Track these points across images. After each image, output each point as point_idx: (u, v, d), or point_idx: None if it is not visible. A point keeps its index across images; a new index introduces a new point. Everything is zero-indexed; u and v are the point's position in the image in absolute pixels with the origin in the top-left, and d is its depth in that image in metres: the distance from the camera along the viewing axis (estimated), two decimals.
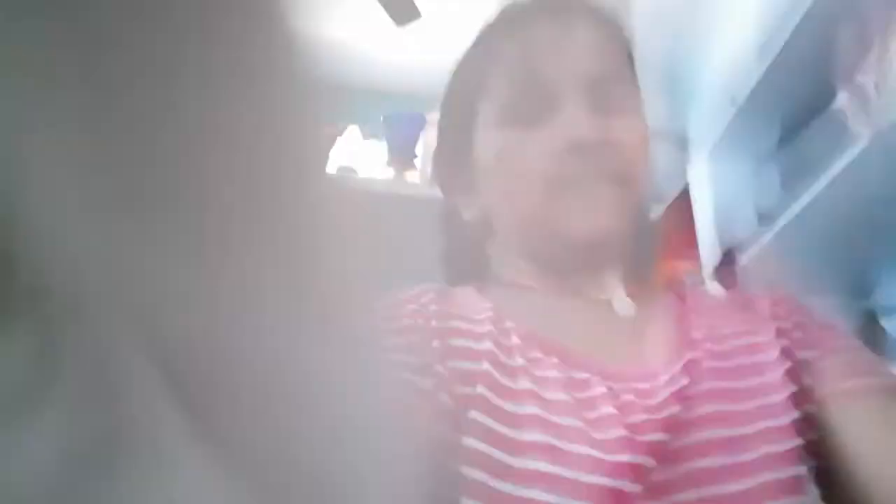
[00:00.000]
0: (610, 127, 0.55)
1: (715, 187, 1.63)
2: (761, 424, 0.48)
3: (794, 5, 1.69)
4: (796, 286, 1.46)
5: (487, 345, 0.47)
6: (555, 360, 0.47)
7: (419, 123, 2.12)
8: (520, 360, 0.47)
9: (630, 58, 0.62)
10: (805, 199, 1.26)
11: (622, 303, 0.55)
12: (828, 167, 1.21)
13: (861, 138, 1.11)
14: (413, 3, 1.84)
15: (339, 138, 2.10)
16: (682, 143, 2.11)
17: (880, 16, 1.21)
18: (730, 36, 2.25)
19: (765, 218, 1.42)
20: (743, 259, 1.43)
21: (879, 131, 1.08)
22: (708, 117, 2.18)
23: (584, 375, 0.48)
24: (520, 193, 0.56)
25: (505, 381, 0.46)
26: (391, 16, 1.87)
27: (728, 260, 1.47)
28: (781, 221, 1.32)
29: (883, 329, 1.20)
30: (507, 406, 0.45)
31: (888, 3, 1.22)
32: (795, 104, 1.48)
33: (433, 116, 2.22)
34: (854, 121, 1.12)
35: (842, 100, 1.15)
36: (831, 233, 1.32)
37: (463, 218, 0.61)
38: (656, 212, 1.93)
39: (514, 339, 0.49)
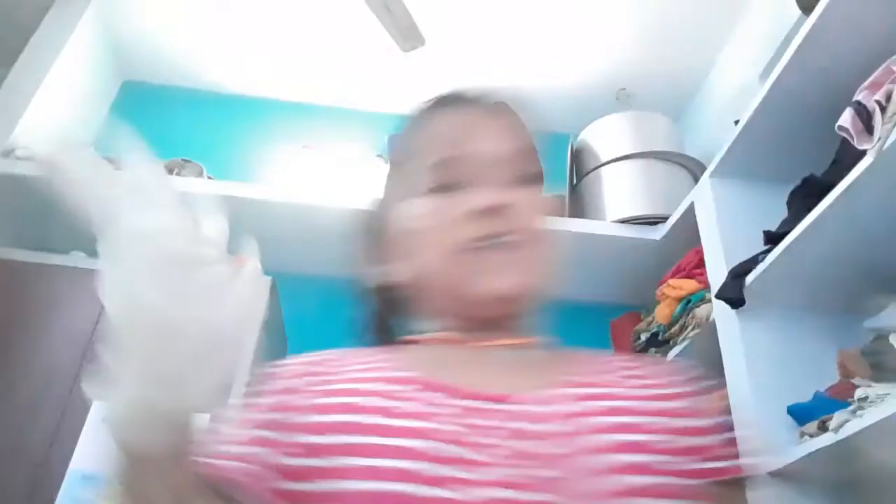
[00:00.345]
0: (514, 198, 0.61)
1: (720, 207, 1.64)
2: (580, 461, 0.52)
3: (795, 29, 1.72)
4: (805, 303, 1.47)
5: (375, 401, 0.53)
6: (440, 394, 0.53)
7: None
8: (409, 403, 0.52)
9: (533, 140, 0.69)
10: (811, 217, 1.26)
11: (507, 357, 0.61)
12: (833, 186, 1.22)
13: (866, 157, 1.13)
14: (418, 30, 1.87)
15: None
16: (687, 165, 2.14)
17: (884, 36, 1.23)
18: (733, 59, 2.29)
19: (771, 237, 1.42)
20: (750, 278, 1.44)
21: (884, 150, 1.09)
22: (712, 139, 2.20)
23: (469, 402, 0.54)
24: (435, 254, 0.61)
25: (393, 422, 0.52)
26: (397, 42, 1.90)
27: (735, 278, 1.47)
28: (787, 240, 1.33)
29: (891, 346, 1.20)
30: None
31: (891, 24, 1.25)
32: (799, 125, 1.50)
33: None
34: (859, 140, 1.13)
35: (846, 119, 1.16)
36: (838, 251, 1.33)
37: (381, 286, 0.67)
38: (662, 232, 1.95)
39: (405, 387, 0.54)
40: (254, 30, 2.31)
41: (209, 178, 1.97)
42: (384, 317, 0.70)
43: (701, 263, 1.69)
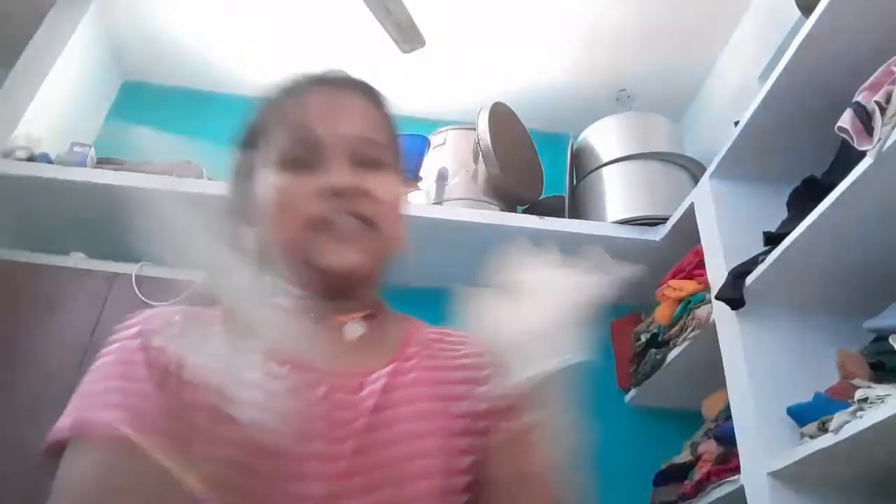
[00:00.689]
0: (365, 180, 0.66)
1: (720, 208, 1.64)
2: (442, 439, 0.62)
3: (794, 30, 1.72)
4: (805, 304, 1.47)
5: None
6: (288, 367, 0.55)
7: (422, 146, 2.14)
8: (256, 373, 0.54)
9: (390, 125, 0.76)
10: (811, 218, 1.27)
11: (353, 328, 0.68)
12: (833, 187, 1.22)
13: (866, 158, 1.13)
14: (418, 31, 1.87)
15: None
16: (687, 165, 2.14)
17: (884, 37, 1.23)
18: (733, 60, 2.29)
19: (771, 238, 1.42)
20: (750, 279, 1.44)
21: (884, 151, 1.09)
22: (712, 139, 2.20)
23: (310, 375, 0.59)
24: (286, 227, 0.65)
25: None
26: (397, 43, 1.90)
27: (735, 279, 1.47)
28: (787, 241, 1.33)
29: (891, 347, 1.20)
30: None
31: (891, 25, 1.25)
32: (798, 126, 1.50)
33: (437, 139, 2.26)
34: (859, 141, 1.13)
35: (845, 120, 1.16)
36: (838, 252, 1.33)
37: (240, 245, 0.69)
38: (662, 233, 1.95)
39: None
40: (254, 30, 2.32)
41: (209, 178, 1.97)
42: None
43: (701, 264, 1.69)
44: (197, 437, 0.53)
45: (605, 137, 2.18)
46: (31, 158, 1.85)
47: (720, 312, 1.53)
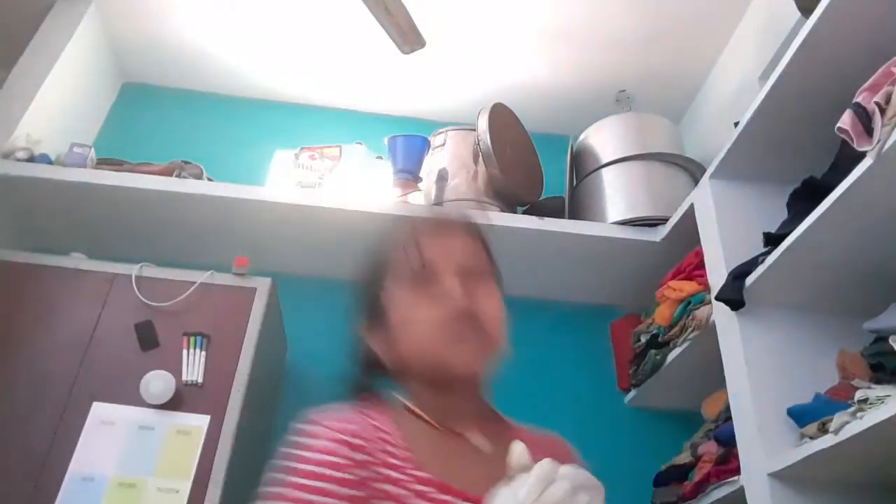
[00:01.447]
0: (475, 294, 0.81)
1: (720, 209, 1.64)
2: None
3: (794, 31, 1.72)
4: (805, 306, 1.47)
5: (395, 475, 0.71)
6: (433, 488, 0.70)
7: (422, 146, 2.15)
8: (416, 486, 0.70)
9: (489, 249, 0.90)
10: (811, 219, 1.27)
11: (480, 441, 0.79)
12: (833, 188, 1.22)
13: (866, 159, 1.13)
14: (418, 32, 1.87)
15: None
16: (687, 166, 2.14)
17: (884, 38, 1.23)
18: (732, 61, 2.29)
19: (771, 239, 1.42)
20: (750, 279, 1.44)
21: (884, 152, 1.09)
22: (712, 140, 2.20)
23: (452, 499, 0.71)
24: (417, 342, 0.79)
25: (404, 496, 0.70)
26: (397, 44, 1.90)
27: (735, 280, 1.47)
28: (787, 242, 1.33)
29: (891, 348, 1.20)
30: None
31: (891, 25, 1.25)
32: (798, 127, 1.50)
33: (437, 139, 2.26)
34: (859, 142, 1.13)
35: (845, 121, 1.16)
36: (838, 253, 1.33)
37: (372, 352, 0.84)
38: (662, 233, 1.95)
39: (417, 472, 0.72)
40: (254, 31, 2.32)
41: (209, 179, 1.98)
42: (370, 374, 0.86)
43: (701, 265, 1.69)
44: None
45: (604, 138, 2.18)
46: (31, 159, 1.85)
47: (720, 313, 1.53)
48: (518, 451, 0.68)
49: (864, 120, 1.12)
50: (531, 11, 2.21)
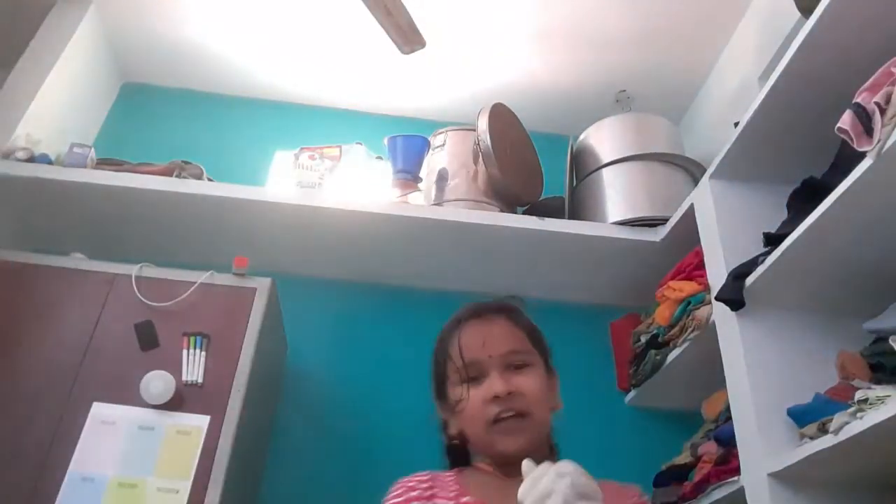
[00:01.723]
0: (517, 383, 0.93)
1: (720, 209, 1.64)
2: None
3: (794, 31, 1.72)
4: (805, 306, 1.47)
5: None
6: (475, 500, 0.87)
7: (422, 146, 2.15)
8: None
9: (532, 333, 1.01)
10: (811, 219, 1.27)
11: None
12: (833, 188, 1.22)
13: (866, 159, 1.13)
14: (418, 32, 1.87)
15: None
16: (687, 166, 2.14)
17: (884, 38, 1.23)
18: (732, 61, 2.29)
19: (771, 239, 1.42)
20: (750, 279, 1.44)
21: (884, 152, 1.09)
22: (712, 140, 2.20)
23: None
24: (472, 426, 0.94)
25: None
26: (397, 44, 1.90)
27: (735, 280, 1.47)
28: (787, 242, 1.33)
29: (891, 348, 1.20)
30: None
31: (891, 26, 1.25)
32: (798, 127, 1.50)
33: (437, 139, 2.26)
34: (858, 142, 1.13)
35: (845, 121, 1.16)
36: (838, 253, 1.33)
37: (448, 435, 1.00)
38: (662, 234, 1.95)
39: (465, 498, 0.88)
40: (254, 31, 2.32)
41: (209, 179, 1.98)
42: (453, 450, 1.01)
43: (701, 265, 1.69)
44: None
45: (604, 138, 2.18)
46: (31, 159, 1.85)
47: (720, 313, 1.53)
48: (525, 467, 0.80)
49: (864, 120, 1.12)
50: (531, 11, 2.21)
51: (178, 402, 1.46)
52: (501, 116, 2.14)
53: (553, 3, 2.18)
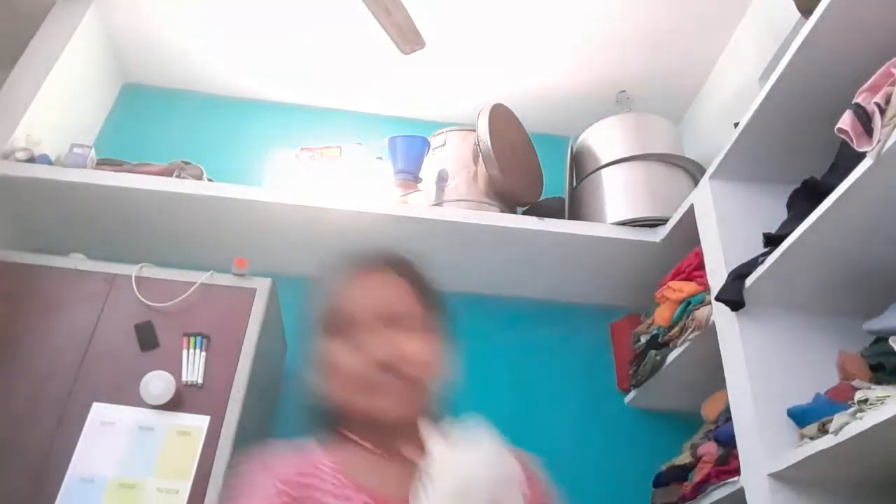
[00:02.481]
0: (399, 344, 0.81)
1: (720, 209, 1.64)
2: None
3: (794, 31, 1.72)
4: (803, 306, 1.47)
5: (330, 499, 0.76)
6: (365, 497, 0.76)
7: (422, 146, 2.15)
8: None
9: (421, 295, 0.89)
10: (810, 219, 1.27)
11: (413, 452, 0.79)
12: (833, 188, 1.22)
13: (866, 159, 1.13)
14: (418, 32, 1.87)
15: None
16: (687, 167, 2.14)
17: (884, 39, 1.23)
18: (732, 62, 2.29)
19: (770, 239, 1.42)
20: (750, 280, 1.44)
21: (884, 153, 1.09)
22: (712, 141, 2.20)
23: None
24: (336, 387, 0.83)
25: None
26: (397, 44, 1.90)
27: (735, 280, 1.47)
28: (787, 242, 1.33)
29: (891, 348, 1.20)
30: None
31: (891, 26, 1.25)
32: (798, 127, 1.50)
33: (437, 140, 2.26)
34: (858, 142, 1.13)
35: (845, 122, 1.16)
36: (837, 253, 1.33)
37: (317, 390, 0.87)
38: (661, 234, 1.95)
39: (348, 490, 0.77)
40: (253, 32, 2.32)
41: (209, 179, 1.98)
42: (318, 412, 0.89)
43: (701, 265, 1.69)
44: None
45: (604, 139, 2.18)
46: (31, 160, 1.85)
47: (720, 314, 1.53)
48: (430, 436, 0.75)
49: (864, 120, 1.12)
50: (531, 12, 2.21)
51: (178, 402, 1.46)
52: (501, 117, 2.14)
53: (553, 3, 2.19)
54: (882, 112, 1.10)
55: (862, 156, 1.13)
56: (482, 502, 0.72)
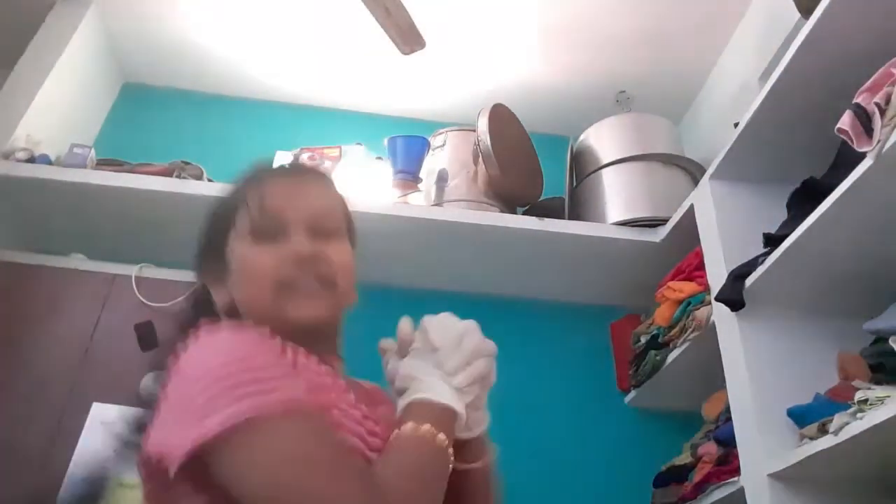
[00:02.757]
0: (323, 248, 0.79)
1: (720, 210, 1.64)
2: None
3: (794, 31, 1.72)
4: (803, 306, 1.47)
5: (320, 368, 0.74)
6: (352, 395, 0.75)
7: (422, 146, 2.15)
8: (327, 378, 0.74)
9: (342, 203, 0.89)
10: (811, 220, 1.27)
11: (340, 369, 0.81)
12: (833, 188, 1.22)
13: (866, 159, 1.13)
14: (418, 33, 1.87)
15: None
16: (687, 167, 2.14)
17: (884, 39, 1.23)
18: (732, 62, 2.29)
19: (770, 239, 1.42)
20: (750, 280, 1.44)
21: (884, 153, 1.09)
22: (712, 141, 2.20)
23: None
24: (255, 291, 0.78)
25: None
26: (397, 44, 1.90)
27: (735, 281, 1.47)
28: (787, 242, 1.33)
29: (891, 348, 1.20)
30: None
31: (891, 26, 1.25)
32: (798, 127, 1.50)
33: (437, 140, 2.26)
34: (858, 142, 1.13)
35: (845, 122, 1.16)
36: (838, 253, 1.33)
37: (214, 300, 0.84)
38: (662, 234, 1.95)
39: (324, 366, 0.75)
40: (254, 32, 2.32)
41: (209, 180, 1.97)
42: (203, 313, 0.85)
43: (701, 265, 1.69)
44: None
45: (604, 139, 2.18)
46: (31, 160, 1.85)
47: (720, 314, 1.53)
48: (405, 327, 0.77)
49: (864, 121, 1.12)
50: (531, 12, 2.21)
51: None
52: (501, 117, 2.14)
53: (553, 3, 2.19)
54: (882, 112, 1.10)
55: (862, 156, 1.13)
56: (487, 364, 0.75)
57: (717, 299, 1.51)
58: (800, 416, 1.28)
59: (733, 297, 1.45)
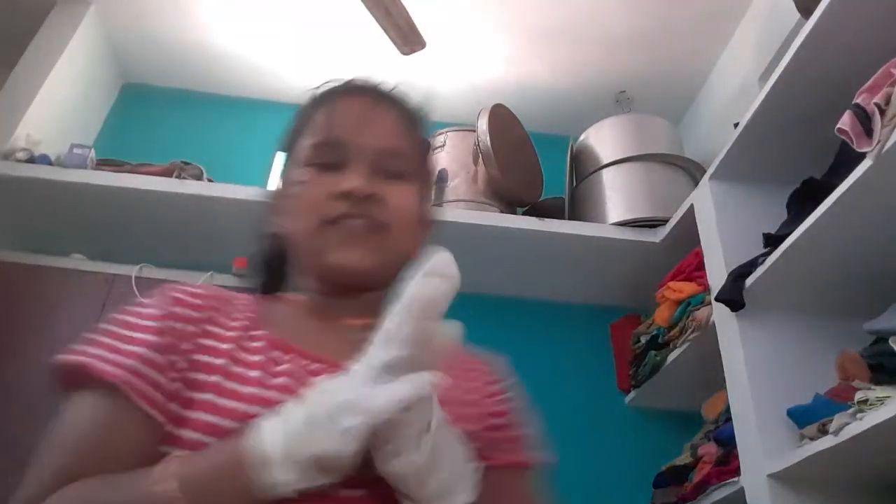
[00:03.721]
0: (381, 187, 0.69)
1: (720, 210, 1.64)
2: None
3: (794, 32, 1.72)
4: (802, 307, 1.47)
5: (228, 346, 0.63)
6: (287, 356, 0.63)
7: None
8: (257, 357, 0.62)
9: (418, 136, 0.77)
10: (810, 220, 1.27)
11: (354, 331, 0.65)
12: (833, 188, 1.22)
13: (865, 160, 1.13)
14: (418, 33, 1.87)
15: None
16: (687, 167, 2.14)
17: (884, 39, 1.23)
18: (732, 62, 2.29)
19: (770, 239, 1.42)
20: (749, 280, 1.44)
21: (884, 153, 1.09)
22: (711, 141, 2.20)
23: (310, 364, 0.63)
24: (303, 222, 0.69)
25: (238, 370, 0.61)
26: (397, 44, 1.91)
27: (735, 281, 1.47)
28: (787, 243, 1.33)
29: (891, 349, 1.20)
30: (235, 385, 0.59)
31: (891, 27, 1.25)
32: (798, 128, 1.50)
33: (437, 140, 2.26)
34: (858, 143, 1.13)
35: (845, 122, 1.16)
36: (837, 254, 1.33)
37: (270, 234, 0.75)
38: (661, 234, 1.95)
39: (258, 343, 0.63)
40: (253, 32, 2.32)
41: (209, 180, 1.97)
42: (270, 262, 0.78)
43: (701, 266, 1.69)
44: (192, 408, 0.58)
45: (604, 139, 2.18)
46: (31, 160, 1.85)
47: (720, 314, 1.53)
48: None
49: (864, 121, 1.12)
50: (531, 12, 2.21)
51: None
52: (501, 117, 2.14)
53: (553, 3, 2.19)
54: (882, 112, 1.10)
55: (862, 156, 1.13)
56: (449, 286, 0.56)
57: (717, 299, 1.51)
58: (800, 417, 1.28)
59: (733, 297, 1.45)
